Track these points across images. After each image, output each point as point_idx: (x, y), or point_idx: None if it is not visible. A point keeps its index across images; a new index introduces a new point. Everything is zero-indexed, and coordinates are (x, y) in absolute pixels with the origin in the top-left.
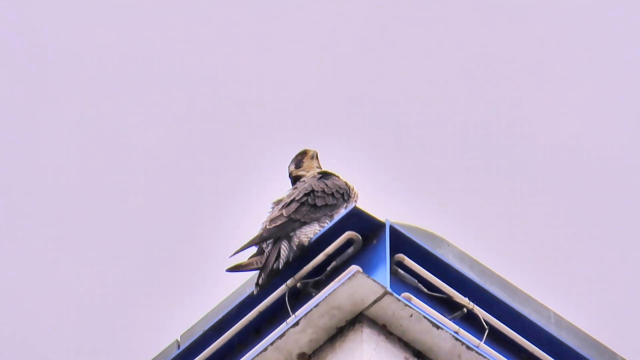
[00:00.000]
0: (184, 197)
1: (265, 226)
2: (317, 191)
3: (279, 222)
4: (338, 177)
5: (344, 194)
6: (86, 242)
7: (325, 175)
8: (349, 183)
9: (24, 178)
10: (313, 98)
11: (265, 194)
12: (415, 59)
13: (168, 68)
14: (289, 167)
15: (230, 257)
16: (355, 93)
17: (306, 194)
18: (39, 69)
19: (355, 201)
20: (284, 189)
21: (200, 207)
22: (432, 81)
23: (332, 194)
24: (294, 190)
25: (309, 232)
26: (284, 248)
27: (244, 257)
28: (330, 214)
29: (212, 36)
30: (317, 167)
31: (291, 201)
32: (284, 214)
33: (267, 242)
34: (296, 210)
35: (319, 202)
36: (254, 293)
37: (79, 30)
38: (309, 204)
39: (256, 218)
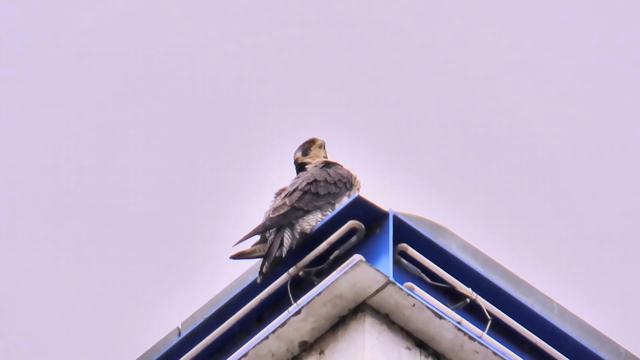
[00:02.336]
0: (187, 186)
1: (269, 215)
2: (320, 180)
3: (282, 211)
4: (341, 166)
5: (347, 182)
6: (88, 229)
7: (328, 164)
8: (352, 172)
9: (23, 174)
10: (316, 87)
11: (268, 183)
12: (419, 48)
13: (169, 59)
14: (295, 153)
15: (233, 246)
16: (359, 83)
17: (309, 183)
18: (39, 68)
19: (358, 189)
20: (286, 178)
21: (203, 196)
22: (436, 71)
23: (335, 183)
24: (296, 180)
25: (312, 220)
26: (287, 236)
27: (247, 244)
28: (332, 202)
29: (211, 25)
30: (324, 157)
31: (294, 190)
32: (287, 202)
33: (270, 230)
34: (299, 199)
35: (322, 191)
36: (258, 281)
37: (79, 29)
38: (312, 193)
39: (259, 206)
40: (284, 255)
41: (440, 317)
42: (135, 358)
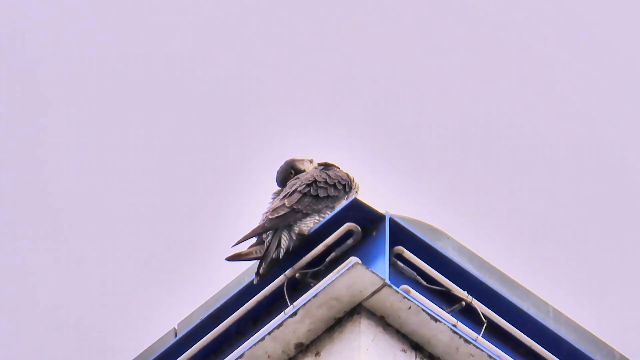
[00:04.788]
0: (185, 186)
1: (267, 216)
2: (320, 182)
3: (281, 213)
4: (339, 168)
5: (346, 185)
6: (86, 229)
7: (326, 166)
8: (350, 175)
9: (22, 173)
10: (315, 89)
11: (266, 184)
12: (417, 51)
13: (169, 59)
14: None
15: (232, 247)
16: (356, 85)
17: (308, 185)
18: (39, 68)
19: (357, 193)
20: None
21: (200, 196)
22: (433, 73)
23: (334, 185)
24: (295, 181)
25: (310, 223)
26: (285, 238)
27: (244, 246)
28: (331, 205)
29: (212, 29)
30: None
31: (293, 191)
32: (286, 204)
33: (267, 232)
34: (298, 201)
35: (321, 193)
36: (254, 282)
37: (79, 29)
38: (311, 195)
39: (257, 207)
40: (281, 257)
41: (436, 320)
42: (131, 358)
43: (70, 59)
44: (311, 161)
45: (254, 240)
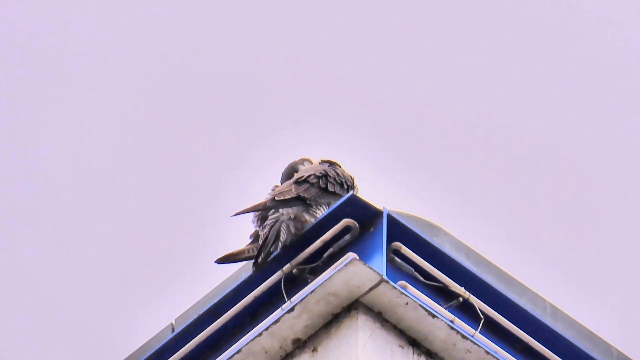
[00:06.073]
0: (182, 182)
1: (273, 196)
2: (330, 176)
3: (287, 197)
4: (340, 166)
5: (349, 187)
6: (83, 226)
7: (330, 164)
8: (352, 176)
9: (19, 172)
10: (312, 87)
11: (263, 182)
12: (416, 46)
13: (170, 61)
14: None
15: (231, 216)
16: (356, 80)
17: (318, 177)
18: (39, 68)
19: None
20: (280, 173)
21: (196, 190)
22: (431, 71)
23: (342, 184)
24: (306, 170)
25: (308, 216)
26: (283, 230)
27: (235, 246)
28: (332, 202)
29: (212, 29)
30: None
31: (303, 180)
32: (294, 190)
33: (263, 225)
34: (306, 190)
35: (330, 188)
36: (252, 273)
37: (79, 29)
38: (320, 187)
39: (253, 202)
40: (279, 249)
41: (433, 316)
42: (129, 354)
43: (69, 59)
44: (310, 161)
45: (251, 231)
